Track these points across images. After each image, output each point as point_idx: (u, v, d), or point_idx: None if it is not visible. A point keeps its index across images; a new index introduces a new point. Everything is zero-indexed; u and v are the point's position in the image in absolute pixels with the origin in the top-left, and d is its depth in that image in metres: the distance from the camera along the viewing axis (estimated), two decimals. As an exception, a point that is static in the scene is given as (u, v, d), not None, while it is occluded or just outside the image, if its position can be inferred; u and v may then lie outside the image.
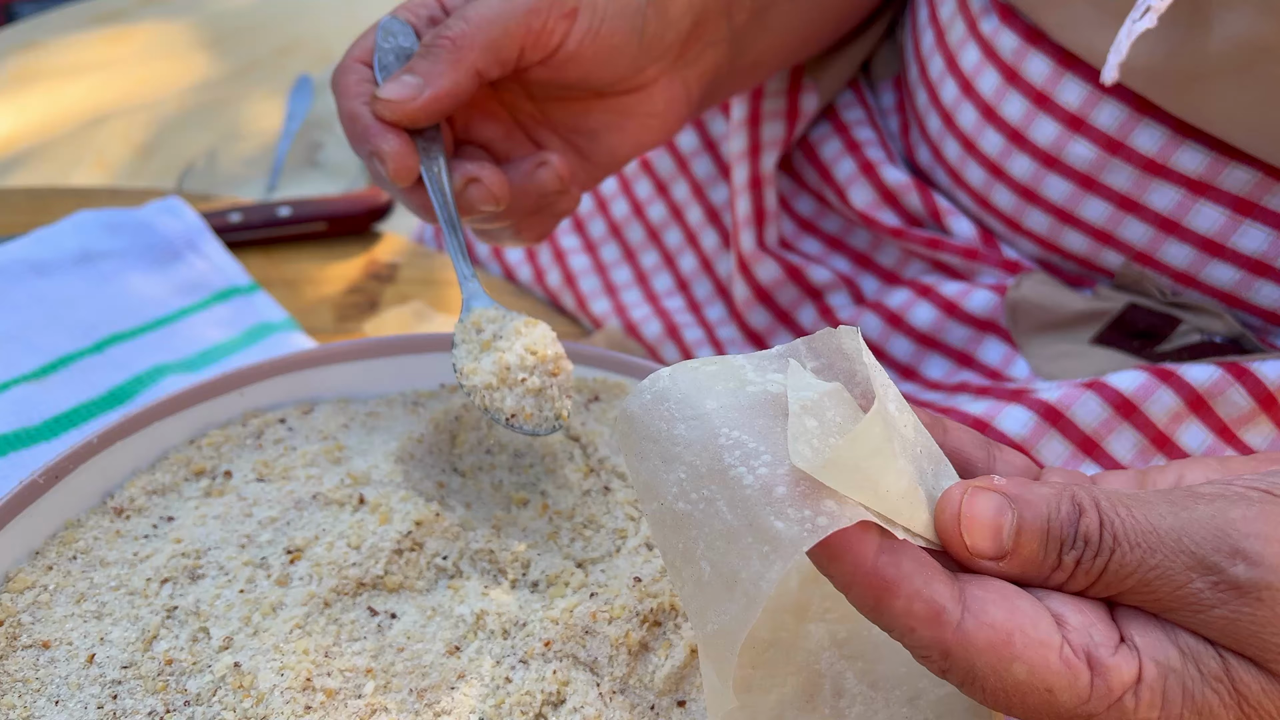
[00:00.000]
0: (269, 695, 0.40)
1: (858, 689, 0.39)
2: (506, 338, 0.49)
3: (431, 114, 0.50)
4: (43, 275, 0.71)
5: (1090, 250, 0.59)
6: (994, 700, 0.31)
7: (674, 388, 0.36)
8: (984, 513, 0.32)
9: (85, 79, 1.25)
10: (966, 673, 0.31)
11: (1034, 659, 0.31)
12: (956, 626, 0.31)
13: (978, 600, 0.31)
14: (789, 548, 0.31)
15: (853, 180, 0.68)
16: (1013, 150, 0.59)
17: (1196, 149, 0.53)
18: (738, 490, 0.32)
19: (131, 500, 0.49)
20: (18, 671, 0.41)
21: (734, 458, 0.33)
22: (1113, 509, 0.32)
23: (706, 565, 0.33)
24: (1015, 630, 0.31)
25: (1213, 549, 0.30)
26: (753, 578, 0.31)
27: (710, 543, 0.33)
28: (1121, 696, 0.31)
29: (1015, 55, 0.58)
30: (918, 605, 0.31)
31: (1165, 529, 0.31)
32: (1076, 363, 0.59)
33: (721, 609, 0.33)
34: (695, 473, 0.34)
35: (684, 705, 0.42)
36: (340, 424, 0.53)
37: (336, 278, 0.77)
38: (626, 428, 0.37)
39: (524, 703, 0.41)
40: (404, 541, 0.46)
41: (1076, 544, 0.32)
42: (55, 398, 0.63)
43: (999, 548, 0.32)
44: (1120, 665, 0.31)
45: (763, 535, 0.31)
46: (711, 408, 0.35)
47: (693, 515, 0.34)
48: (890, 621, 0.31)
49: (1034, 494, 0.32)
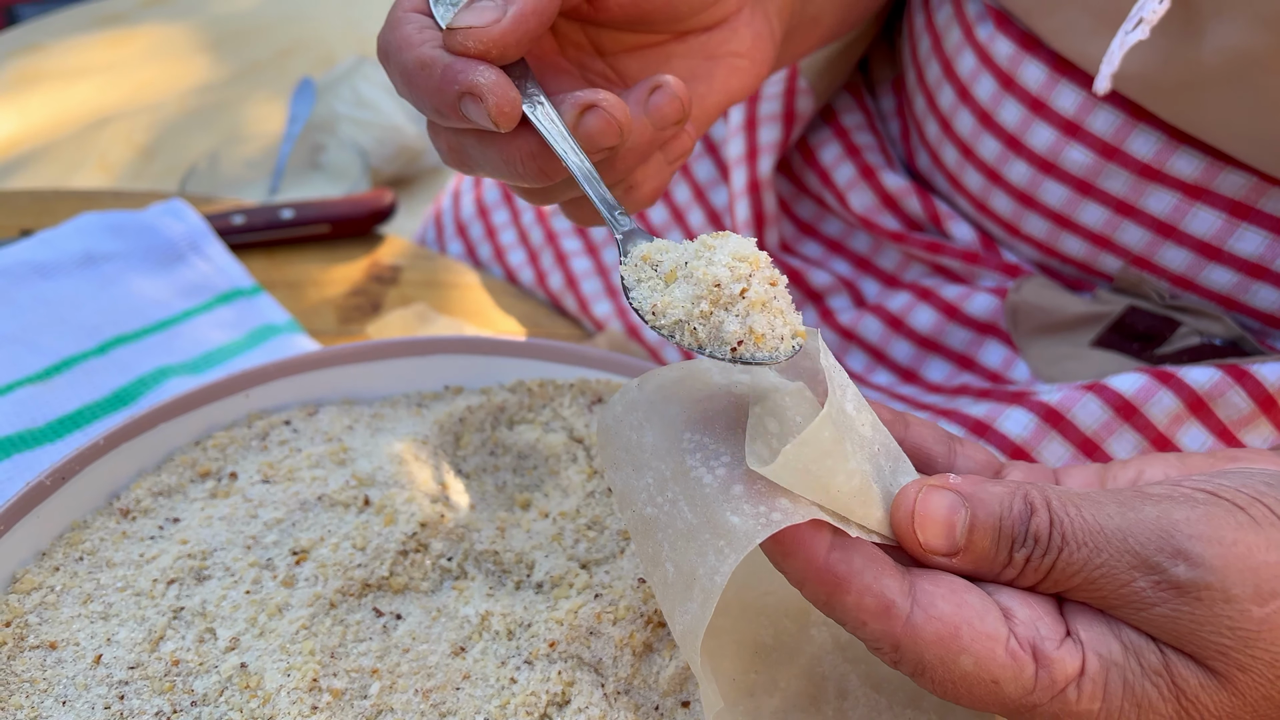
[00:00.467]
0: (275, 695, 0.40)
1: (861, 691, 0.39)
2: (697, 259, 0.38)
3: (520, 38, 0.41)
4: (46, 277, 0.71)
5: (1088, 254, 0.59)
6: (943, 690, 0.33)
7: (641, 397, 0.37)
8: (937, 510, 0.33)
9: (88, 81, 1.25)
10: (916, 664, 0.33)
11: (980, 651, 0.32)
12: (906, 620, 0.32)
13: (927, 594, 0.33)
14: (742, 540, 0.32)
15: (853, 184, 0.69)
16: (1010, 156, 0.59)
17: (1192, 154, 0.53)
18: (698, 490, 0.34)
19: (137, 501, 0.49)
20: (25, 672, 0.42)
21: (695, 460, 0.35)
22: (1063, 508, 0.33)
23: (670, 566, 0.34)
24: (962, 624, 0.32)
25: (1156, 549, 0.32)
26: (708, 572, 0.33)
27: (673, 543, 0.34)
28: (1065, 688, 0.32)
29: (1011, 62, 0.58)
30: (868, 600, 0.32)
31: (1112, 529, 0.32)
32: (1077, 365, 0.60)
33: (685, 608, 0.34)
34: (660, 477, 0.35)
35: (688, 706, 0.42)
36: (345, 425, 0.53)
37: (339, 280, 0.77)
38: (604, 440, 0.38)
39: (529, 703, 0.41)
40: (409, 543, 0.46)
41: (1027, 542, 0.33)
42: (59, 399, 0.63)
43: (951, 544, 0.33)
44: (1065, 658, 0.32)
45: (719, 530, 0.33)
46: (674, 413, 0.36)
47: (658, 519, 0.35)
48: (842, 615, 0.33)
49: (987, 492, 0.34)
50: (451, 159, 0.45)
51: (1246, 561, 0.32)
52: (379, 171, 1.16)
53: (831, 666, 0.40)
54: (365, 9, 1.44)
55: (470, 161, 0.44)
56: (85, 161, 1.13)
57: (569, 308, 0.79)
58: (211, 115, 1.22)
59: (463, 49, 0.40)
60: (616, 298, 0.77)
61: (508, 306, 0.77)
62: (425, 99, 0.41)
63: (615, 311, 0.76)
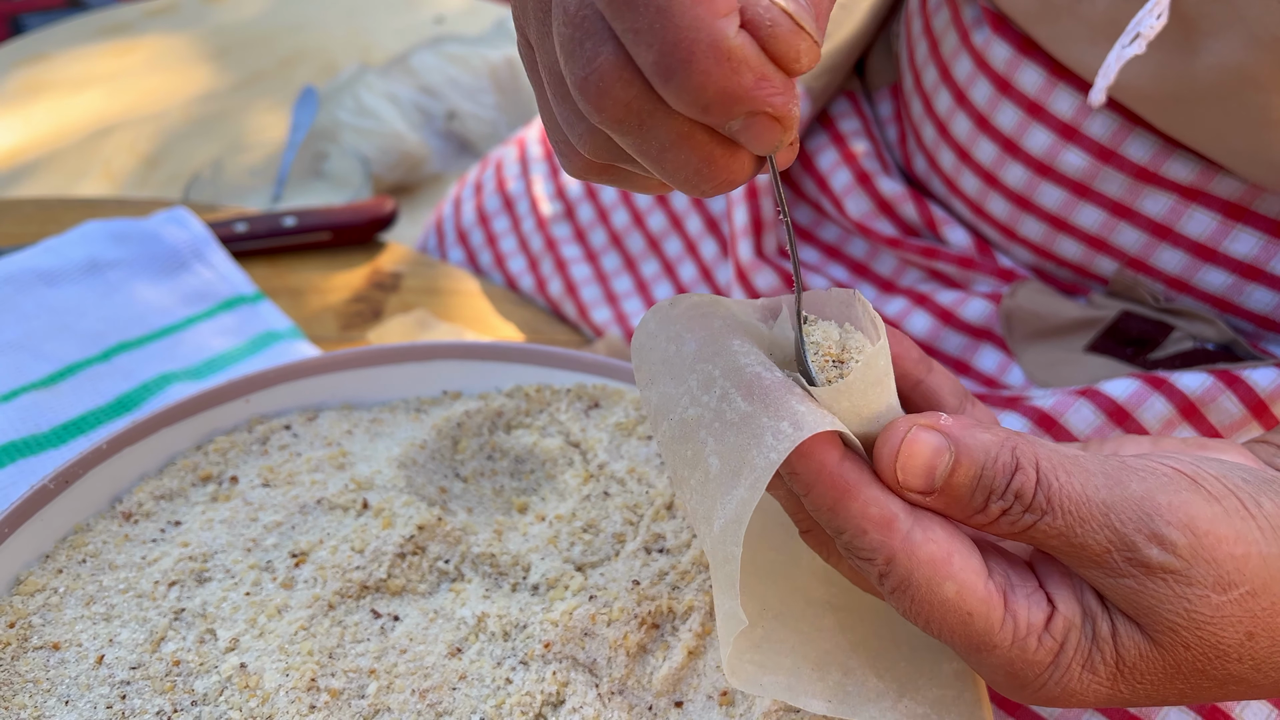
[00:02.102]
0: (274, 695, 0.41)
1: (861, 672, 0.40)
2: None
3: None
4: (51, 284, 0.72)
5: (1084, 257, 0.60)
6: (915, 611, 0.34)
7: (676, 313, 0.38)
8: (922, 451, 0.34)
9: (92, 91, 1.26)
10: (901, 580, 0.33)
11: (965, 581, 0.33)
12: (905, 535, 0.33)
13: (926, 517, 0.34)
14: (811, 423, 0.32)
15: (849, 190, 0.69)
16: (1006, 159, 0.60)
17: (1187, 157, 0.54)
18: (756, 383, 0.34)
19: (139, 505, 0.49)
20: (28, 672, 0.42)
21: (750, 360, 0.35)
22: (1052, 470, 0.34)
23: (715, 460, 0.34)
24: (954, 552, 0.34)
25: (1135, 529, 0.33)
26: (764, 452, 0.33)
27: (720, 435, 0.34)
28: (1026, 636, 0.34)
29: (1008, 66, 0.59)
30: (873, 509, 0.33)
31: (1098, 502, 0.33)
32: (1071, 370, 0.60)
33: (728, 498, 0.34)
34: (707, 377, 0.35)
35: (681, 706, 0.43)
36: (344, 430, 0.54)
37: (340, 287, 0.78)
38: (638, 360, 0.38)
39: (524, 703, 0.42)
40: (407, 545, 0.47)
41: (1005, 496, 0.33)
42: (63, 405, 0.64)
43: (929, 485, 0.34)
44: (1031, 608, 0.34)
45: (781, 414, 0.33)
46: (718, 325, 0.36)
47: (702, 417, 0.35)
48: (844, 522, 0.34)
49: (975, 439, 0.34)
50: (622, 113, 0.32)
51: (1214, 552, 0.33)
52: (381, 179, 1.17)
53: (835, 644, 0.40)
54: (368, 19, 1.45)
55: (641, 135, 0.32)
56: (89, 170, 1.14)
57: (568, 314, 0.79)
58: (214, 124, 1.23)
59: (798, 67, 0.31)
60: (615, 304, 0.77)
61: (507, 313, 0.77)
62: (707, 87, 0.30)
63: (614, 318, 0.76)
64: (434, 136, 1.21)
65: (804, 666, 0.39)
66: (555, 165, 0.83)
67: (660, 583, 0.46)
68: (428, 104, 1.21)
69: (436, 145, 1.21)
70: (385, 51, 1.37)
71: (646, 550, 0.48)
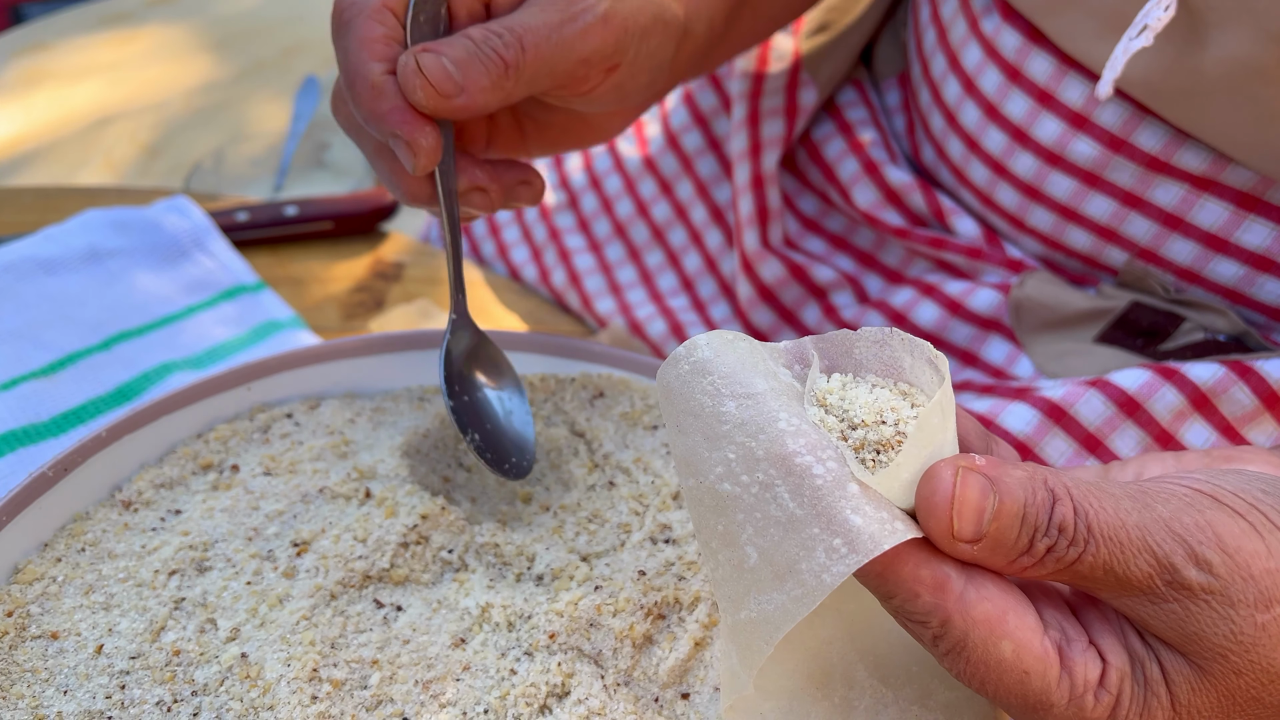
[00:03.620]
0: (275, 685, 0.40)
1: (868, 683, 0.39)
2: None
3: (459, 117, 0.47)
4: (51, 273, 0.71)
5: (1094, 248, 0.59)
6: (971, 673, 0.33)
7: (716, 360, 0.35)
8: (972, 496, 0.32)
9: (92, 80, 1.26)
10: (957, 642, 0.32)
11: (1021, 640, 0.32)
12: (959, 595, 0.32)
13: (978, 574, 0.33)
14: (867, 544, 0.31)
15: (856, 180, 0.68)
16: (1016, 149, 0.59)
17: (1199, 147, 0.53)
18: (806, 479, 0.32)
19: (139, 493, 0.49)
20: (26, 662, 0.42)
21: (799, 445, 0.32)
22: (1084, 499, 0.33)
23: (753, 551, 0.33)
24: (1010, 610, 0.32)
25: (1172, 550, 0.32)
26: (814, 570, 0.31)
27: (761, 529, 0.32)
28: (1083, 694, 0.32)
29: (1018, 54, 0.58)
30: (924, 572, 0.32)
31: (1133, 525, 0.32)
32: (1080, 361, 0.59)
33: (766, 597, 0.32)
34: (749, 455, 0.33)
35: (688, 698, 0.42)
36: (346, 419, 0.53)
37: (342, 276, 0.77)
38: (664, 398, 0.36)
39: (529, 694, 0.41)
40: (410, 535, 0.46)
41: (1050, 531, 0.32)
42: (63, 394, 0.63)
43: (978, 531, 0.32)
44: (1087, 664, 0.32)
45: (834, 528, 0.31)
46: (763, 389, 0.34)
47: (742, 499, 0.33)
48: (894, 587, 0.32)
49: (1011, 477, 0.33)
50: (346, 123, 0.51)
51: (1249, 569, 0.32)
52: (383, 170, 1.16)
53: (840, 655, 0.39)
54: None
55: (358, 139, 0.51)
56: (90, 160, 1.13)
57: (572, 305, 0.79)
58: (216, 114, 1.22)
59: (409, 94, 0.46)
60: (619, 294, 0.77)
61: (511, 303, 0.77)
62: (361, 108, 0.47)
63: (618, 308, 0.76)
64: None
65: (807, 687, 0.38)
66: (558, 155, 0.82)
67: (666, 573, 0.45)
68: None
69: (439, 135, 1.21)
70: (387, 42, 1.36)
71: (652, 540, 0.47)
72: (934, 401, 0.32)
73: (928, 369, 0.35)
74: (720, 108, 0.75)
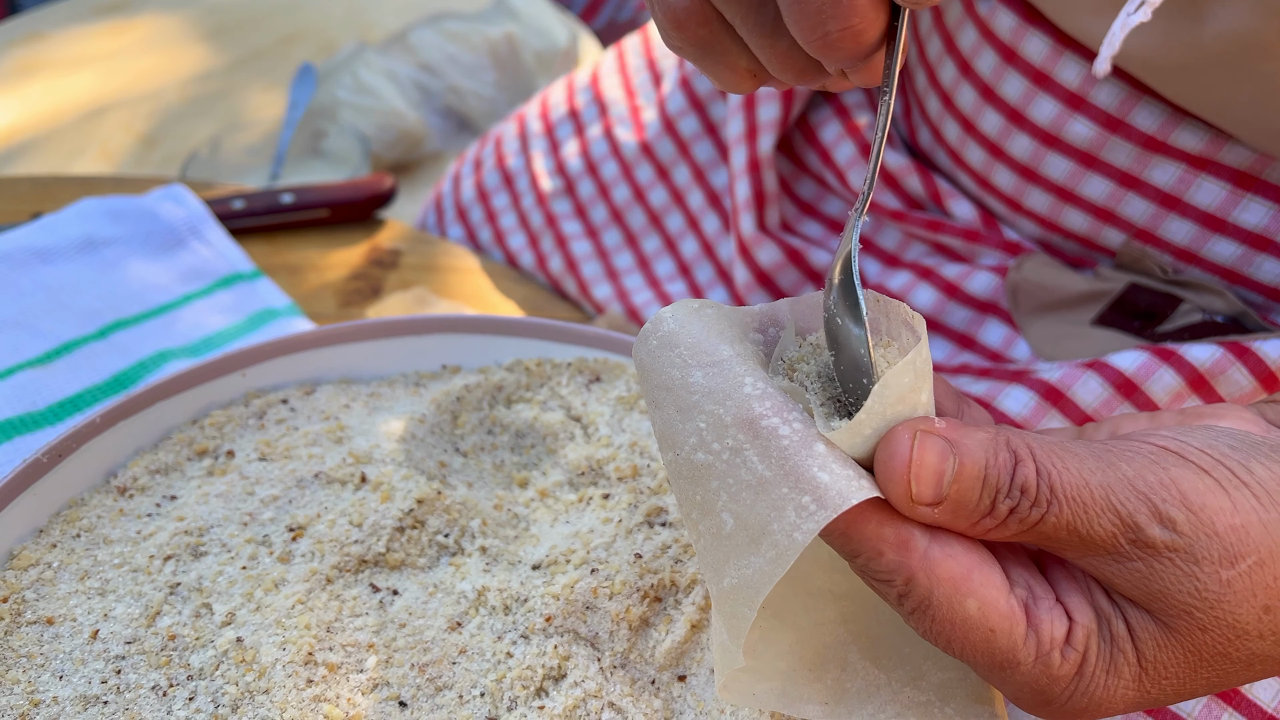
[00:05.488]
0: (271, 669, 0.40)
1: (861, 665, 0.39)
2: None
3: None
4: (47, 262, 0.71)
5: (1091, 229, 0.59)
6: (938, 632, 0.33)
7: (682, 332, 0.35)
8: (930, 459, 0.32)
9: (88, 70, 1.25)
10: (922, 600, 0.32)
11: (986, 597, 0.32)
12: (924, 553, 0.32)
13: (943, 534, 0.33)
14: (835, 500, 0.31)
15: (853, 164, 0.68)
16: (1012, 130, 0.59)
17: (1196, 126, 0.53)
18: (773, 441, 0.32)
19: (135, 479, 0.49)
20: (22, 647, 0.42)
21: (765, 408, 0.33)
22: (1048, 459, 0.33)
23: (729, 517, 0.33)
24: (975, 568, 0.32)
25: (1135, 508, 0.32)
26: (786, 529, 0.31)
27: (735, 494, 0.33)
28: (1050, 651, 0.32)
29: (1013, 35, 0.58)
30: (888, 530, 0.32)
31: (1096, 484, 0.32)
32: (1077, 343, 0.59)
33: (744, 562, 0.32)
34: (718, 422, 0.33)
35: (684, 680, 0.42)
36: (342, 404, 0.53)
37: (339, 264, 0.77)
38: (640, 375, 0.36)
39: (525, 677, 0.41)
40: (405, 519, 0.46)
41: (1012, 493, 0.32)
42: (60, 383, 0.63)
43: (938, 493, 0.32)
44: (1053, 622, 0.33)
45: (802, 485, 0.31)
46: (728, 355, 0.34)
47: (714, 466, 0.33)
48: (859, 545, 0.33)
49: (972, 439, 0.33)
50: None
51: (1213, 526, 0.32)
52: (380, 157, 1.16)
53: (834, 638, 0.39)
54: (366, -2, 1.44)
55: None
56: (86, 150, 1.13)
57: (569, 291, 0.78)
58: (212, 103, 1.22)
59: None
60: (616, 280, 0.77)
61: (508, 290, 0.77)
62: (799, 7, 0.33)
63: (615, 294, 0.76)
64: (433, 114, 1.20)
65: (800, 668, 0.38)
66: (555, 141, 0.82)
67: (663, 556, 0.45)
68: (427, 81, 1.20)
69: (435, 123, 1.20)
70: (384, 29, 1.36)
71: (648, 524, 0.47)
72: (905, 360, 0.32)
73: (905, 330, 0.35)
74: (717, 92, 0.75)
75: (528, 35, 1.26)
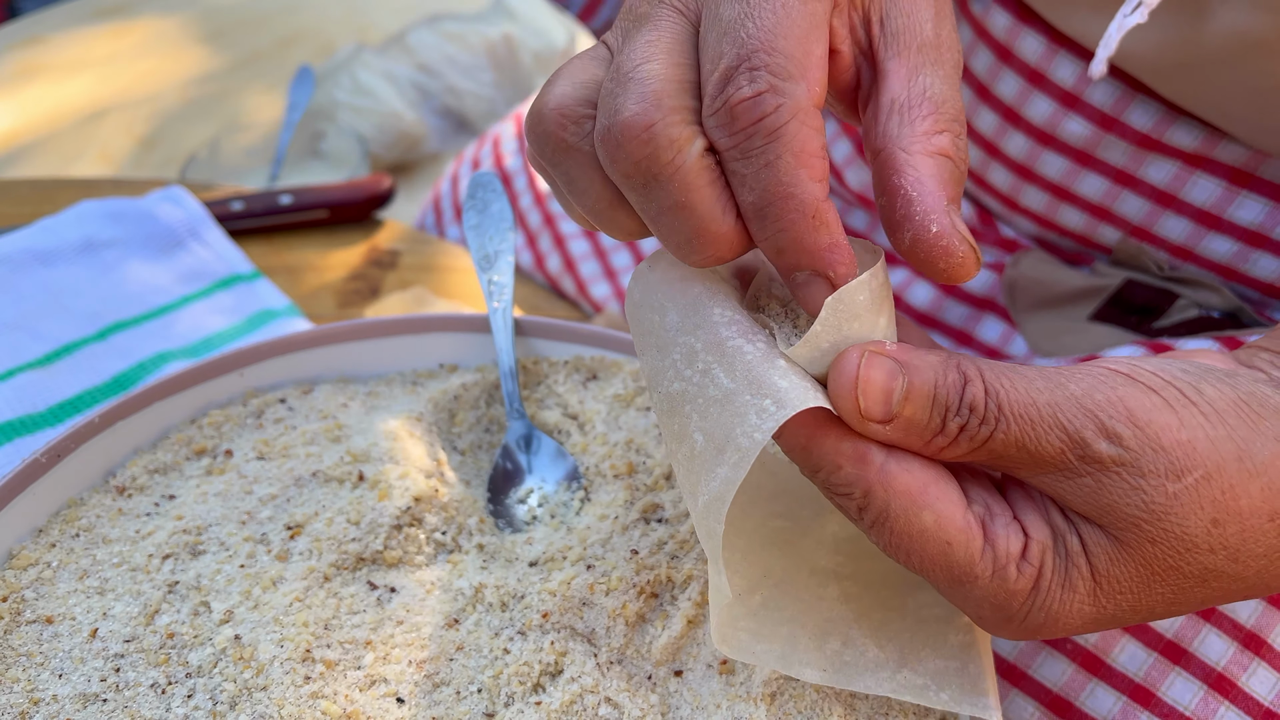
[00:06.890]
0: (269, 666, 0.40)
1: (861, 642, 0.39)
2: None
3: None
4: (47, 264, 0.71)
5: (1087, 226, 0.59)
6: (896, 544, 0.34)
7: (661, 280, 0.37)
8: (877, 377, 0.33)
9: (87, 73, 1.26)
10: (879, 513, 0.33)
11: (943, 511, 0.33)
12: (880, 467, 0.33)
13: (899, 452, 0.34)
14: (794, 399, 0.32)
15: (850, 162, 0.68)
16: (1007, 129, 0.59)
17: (1190, 124, 0.53)
18: (737, 358, 0.34)
19: (133, 479, 0.49)
20: (21, 646, 0.42)
21: (731, 331, 0.34)
22: (996, 379, 0.34)
23: (699, 436, 0.34)
24: (931, 482, 0.34)
25: (1082, 425, 0.33)
26: (747, 431, 0.32)
27: (704, 412, 0.34)
28: (1006, 565, 0.33)
29: (1008, 34, 0.58)
30: (846, 445, 0.34)
31: (1044, 403, 0.33)
32: (1074, 339, 0.59)
33: (713, 474, 0.33)
34: (689, 350, 0.35)
35: (681, 675, 0.42)
36: (340, 403, 0.53)
37: (338, 265, 0.77)
38: (631, 329, 0.38)
39: (522, 673, 0.41)
40: (403, 517, 0.47)
41: (961, 411, 0.33)
42: (60, 384, 0.63)
43: (887, 411, 0.33)
44: (1009, 537, 0.34)
45: (763, 391, 0.33)
46: (698, 292, 0.36)
47: (686, 391, 0.35)
48: (818, 459, 0.34)
49: (922, 359, 0.34)
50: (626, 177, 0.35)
51: (1159, 440, 0.33)
52: (379, 158, 1.16)
53: (838, 614, 0.40)
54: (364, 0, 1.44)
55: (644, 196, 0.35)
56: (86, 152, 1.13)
57: (567, 290, 0.79)
58: (211, 105, 1.22)
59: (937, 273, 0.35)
60: (614, 279, 0.77)
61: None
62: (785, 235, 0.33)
63: (613, 293, 0.76)
64: (431, 115, 1.20)
65: (801, 635, 0.39)
66: None
67: (659, 552, 0.45)
68: (425, 82, 1.20)
69: (434, 123, 1.20)
70: (382, 30, 1.36)
71: (645, 520, 0.47)
72: (859, 279, 0.33)
73: (869, 257, 0.36)
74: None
75: (526, 36, 1.26)
